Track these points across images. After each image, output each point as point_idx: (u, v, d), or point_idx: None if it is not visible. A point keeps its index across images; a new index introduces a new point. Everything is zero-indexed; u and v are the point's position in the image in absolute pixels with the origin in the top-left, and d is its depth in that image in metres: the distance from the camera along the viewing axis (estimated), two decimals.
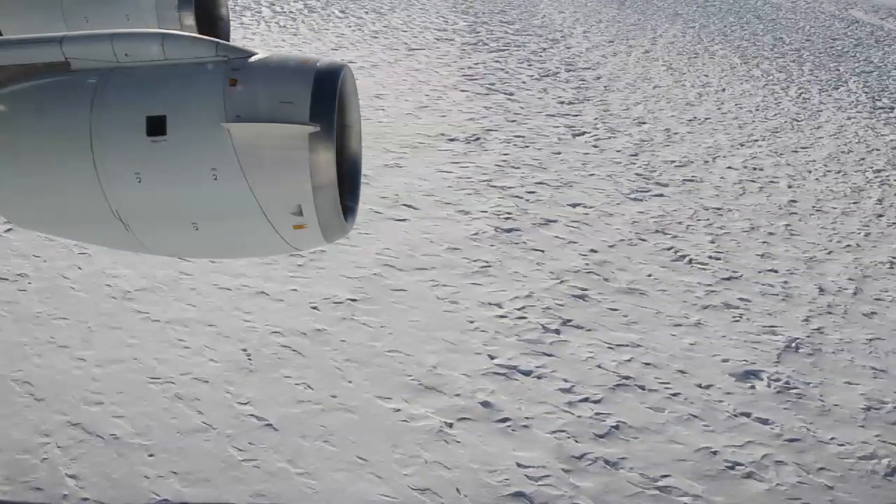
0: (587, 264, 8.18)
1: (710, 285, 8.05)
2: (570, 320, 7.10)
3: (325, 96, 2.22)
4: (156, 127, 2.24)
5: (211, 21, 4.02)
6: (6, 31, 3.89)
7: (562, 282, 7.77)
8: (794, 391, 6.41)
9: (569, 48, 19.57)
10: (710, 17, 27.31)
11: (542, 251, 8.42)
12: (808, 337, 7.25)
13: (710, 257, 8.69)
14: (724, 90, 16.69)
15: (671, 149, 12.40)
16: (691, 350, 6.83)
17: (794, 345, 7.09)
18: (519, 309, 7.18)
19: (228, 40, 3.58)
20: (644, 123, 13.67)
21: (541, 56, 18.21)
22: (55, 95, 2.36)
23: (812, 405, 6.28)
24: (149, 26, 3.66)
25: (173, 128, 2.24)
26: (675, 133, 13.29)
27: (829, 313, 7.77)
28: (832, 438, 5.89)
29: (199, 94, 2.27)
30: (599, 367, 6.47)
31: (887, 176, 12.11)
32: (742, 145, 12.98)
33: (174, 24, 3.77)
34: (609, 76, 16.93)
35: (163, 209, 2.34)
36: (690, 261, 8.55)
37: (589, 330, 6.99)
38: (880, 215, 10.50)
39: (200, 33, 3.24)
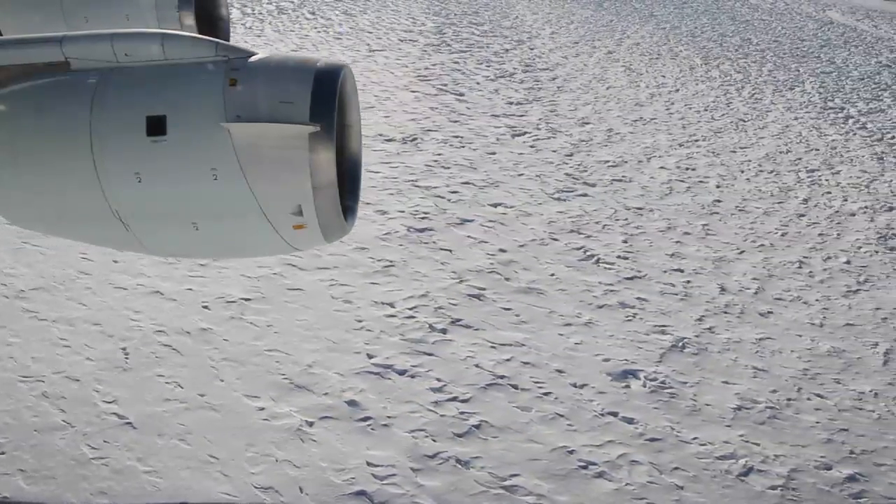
0: (492, 264, 8.12)
1: (610, 285, 7.98)
2: (459, 320, 7.04)
3: (325, 96, 2.19)
4: (156, 127, 2.21)
5: (211, 21, 3.98)
6: (6, 31, 3.86)
7: (461, 281, 7.71)
8: (668, 391, 6.34)
9: (532, 49, 19.47)
10: (684, 18, 27.16)
11: (450, 251, 8.36)
12: (696, 337, 7.18)
13: (619, 257, 8.61)
14: (677, 91, 16.58)
15: (608, 149, 12.32)
16: (575, 350, 6.77)
17: (680, 344, 7.02)
18: (410, 308, 7.13)
19: (228, 40, 3.55)
20: (588, 124, 13.59)
21: (502, 57, 18.12)
22: (55, 95, 2.33)
23: (683, 405, 6.21)
24: (149, 26, 3.62)
25: (173, 128, 2.21)
26: (617, 133, 13.20)
27: (725, 313, 7.69)
28: (694, 438, 5.83)
29: (199, 94, 2.25)
30: (477, 366, 6.41)
31: (820, 176, 12.00)
32: (681, 145, 12.89)
33: (174, 24, 3.74)
34: (565, 77, 16.83)
35: (163, 209, 2.31)
36: (598, 261, 8.48)
37: (476, 329, 6.93)
38: (802, 215, 10.40)
39: (200, 33, 3.20)
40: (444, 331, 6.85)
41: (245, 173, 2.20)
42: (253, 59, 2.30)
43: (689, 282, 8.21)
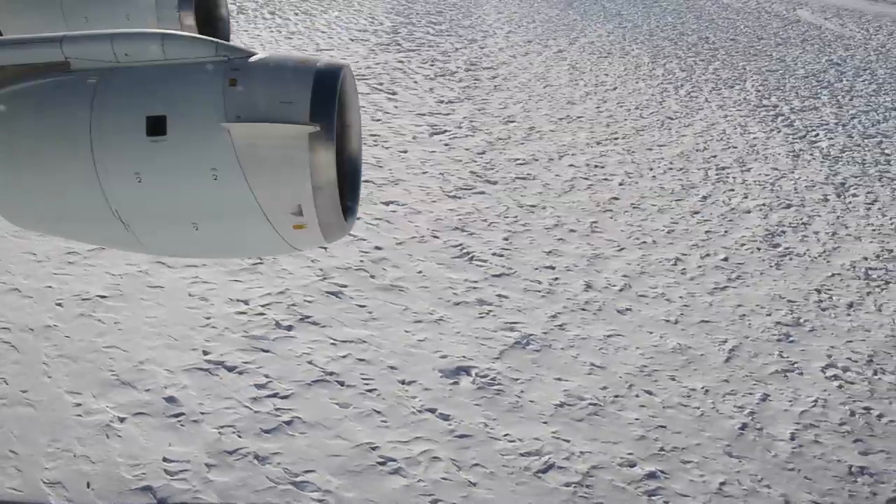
0: (362, 262, 8.05)
1: (475, 282, 7.90)
2: (308, 317, 6.99)
3: (325, 96, 2.16)
4: (156, 127, 2.18)
5: (211, 21, 3.96)
6: (6, 31, 3.84)
7: (325, 279, 7.65)
8: (496, 388, 6.27)
9: (482, 48, 19.34)
10: (650, 17, 26.93)
11: (324, 249, 8.30)
12: (544, 334, 7.10)
13: (494, 254, 8.53)
14: (615, 89, 16.44)
15: (523, 147, 12.22)
16: (416, 347, 6.71)
17: (525, 341, 6.95)
18: (263, 306, 7.07)
19: (228, 40, 3.52)
20: (512, 122, 13.47)
21: (448, 56, 18.00)
22: (55, 95, 2.30)
23: (506, 402, 6.14)
24: (149, 26, 3.60)
25: (173, 128, 2.17)
26: (538, 132, 13.09)
27: (583, 310, 7.61)
28: (506, 435, 5.76)
29: (199, 94, 2.21)
30: (310, 363, 6.36)
31: (728, 174, 11.86)
32: (598, 143, 12.77)
33: (174, 24, 3.72)
34: (505, 76, 16.71)
35: (163, 209, 2.28)
36: (471, 258, 8.40)
37: (322, 327, 6.87)
38: (696, 212, 10.28)
39: (200, 33, 3.18)
40: (289, 328, 6.80)
41: (245, 173, 2.17)
42: (253, 59, 2.26)
43: (556, 279, 8.13)
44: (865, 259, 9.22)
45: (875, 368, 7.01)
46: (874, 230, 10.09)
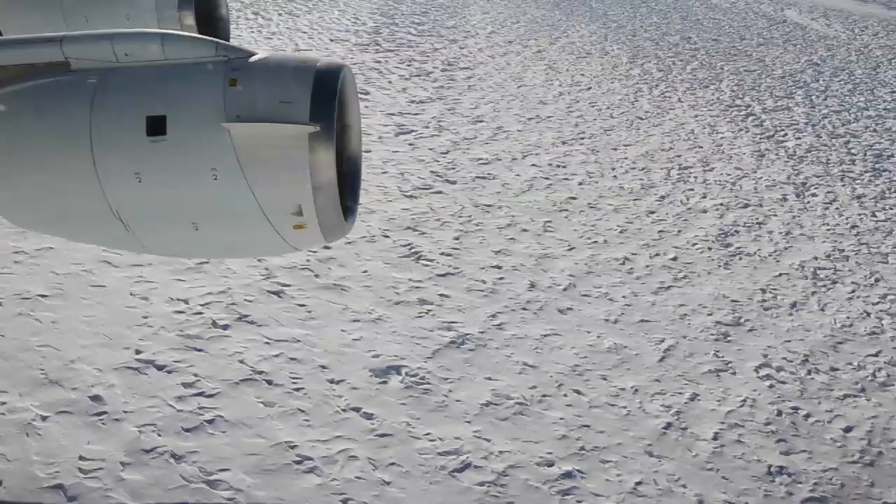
0: (308, 261, 8.03)
1: (419, 281, 7.88)
2: (246, 316, 6.97)
3: (325, 96, 2.14)
4: (156, 127, 2.16)
5: (211, 21, 3.95)
6: (6, 31, 3.83)
7: (268, 278, 7.63)
8: (424, 387, 6.25)
9: (462, 49, 19.29)
10: (635, 17, 26.83)
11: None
12: (481, 333, 7.07)
13: (443, 254, 8.50)
14: (589, 89, 16.38)
15: (488, 146, 12.18)
16: (350, 346, 6.68)
17: (460, 340, 6.92)
18: (202, 305, 7.05)
19: (228, 40, 3.51)
20: (481, 122, 13.43)
21: (427, 56, 17.95)
22: (55, 95, 2.28)
23: (433, 401, 6.11)
24: (149, 26, 3.59)
25: (173, 128, 2.16)
26: (506, 131, 13.04)
27: (524, 309, 7.58)
28: (427, 434, 5.74)
29: (199, 94, 2.19)
30: (241, 362, 6.34)
31: (690, 174, 11.81)
32: (564, 143, 12.72)
33: (174, 24, 3.71)
34: (481, 76, 16.66)
35: (163, 209, 2.26)
36: (419, 258, 8.37)
37: (259, 326, 6.85)
38: (652, 212, 10.24)
39: (200, 33, 3.16)
40: (225, 327, 6.77)
41: (245, 173, 2.15)
42: (253, 59, 2.24)
43: (501, 279, 8.10)
44: (816, 259, 9.17)
45: (809, 368, 6.97)
46: (829, 230, 10.04)
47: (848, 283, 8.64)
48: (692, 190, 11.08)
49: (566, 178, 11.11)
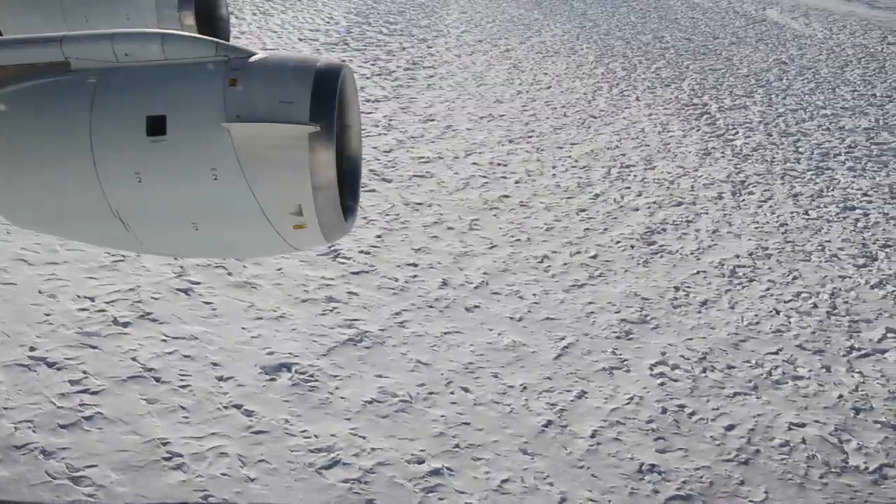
0: (224, 259, 8.00)
1: (331, 279, 7.84)
2: (150, 314, 6.94)
3: (325, 96, 2.11)
4: (156, 127, 2.15)
5: (211, 21, 3.93)
6: (6, 31, 3.82)
7: (180, 276, 7.61)
8: (312, 384, 6.21)
9: (430, 48, 19.22)
10: (613, 17, 26.67)
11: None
12: (381, 331, 7.03)
13: (361, 252, 8.46)
14: (548, 88, 16.29)
15: (434, 145, 12.12)
16: (247, 343, 6.66)
17: (358, 338, 6.88)
18: (108, 303, 7.03)
19: (228, 40, 3.50)
20: (431, 121, 13.37)
21: (393, 56, 17.88)
22: (55, 95, 2.26)
23: (317, 398, 6.08)
24: (149, 26, 3.58)
25: (173, 127, 2.14)
26: (454, 130, 12.98)
27: (431, 307, 7.53)
28: (303, 431, 5.71)
29: (199, 94, 2.18)
30: (133, 359, 6.31)
31: (630, 172, 11.73)
32: (511, 142, 12.65)
33: (174, 24, 3.69)
34: (443, 75, 16.59)
35: (163, 209, 2.25)
36: (336, 256, 8.33)
37: (161, 323, 6.83)
38: (583, 210, 10.17)
39: (200, 33, 3.15)
40: (125, 324, 6.75)
41: (245, 173, 2.13)
42: (253, 59, 2.22)
43: (415, 276, 8.05)
44: (737, 257, 9.09)
45: (705, 366, 6.91)
46: (757, 228, 9.95)
47: (764, 281, 8.56)
48: (629, 188, 11.00)
49: (504, 177, 11.04)
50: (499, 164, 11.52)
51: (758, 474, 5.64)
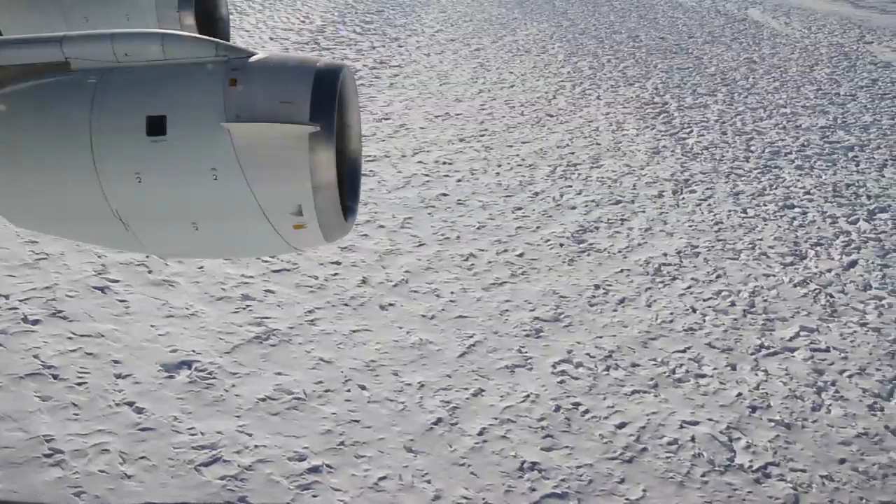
0: (147, 257, 7.97)
1: (251, 277, 7.81)
2: (61, 311, 6.92)
3: (325, 96, 2.10)
4: (156, 127, 2.13)
5: (211, 21, 3.92)
6: (6, 31, 3.81)
7: (100, 274, 7.59)
8: (209, 381, 6.19)
9: (400, 47, 19.15)
10: (593, 17, 26.55)
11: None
12: (290, 328, 7.00)
13: None
14: (511, 87, 16.22)
15: (383, 144, 12.06)
16: (153, 341, 6.63)
17: (266, 336, 6.85)
18: (21, 301, 7.02)
19: (228, 40, 3.49)
20: (387, 119, 13.32)
21: (362, 54, 17.83)
22: (55, 95, 2.24)
23: (211, 396, 6.06)
24: (149, 26, 3.57)
25: (173, 127, 2.13)
26: (407, 129, 12.92)
27: (346, 305, 7.50)
28: (190, 429, 5.68)
29: (199, 94, 2.16)
30: (35, 357, 6.30)
31: (576, 170, 11.66)
32: (462, 140, 12.59)
33: (174, 24, 3.67)
34: (408, 74, 16.53)
35: (162, 209, 2.23)
36: None
37: (70, 321, 6.81)
38: (518, 208, 10.11)
39: (200, 33, 3.14)
40: (35, 322, 6.74)
41: (245, 173, 2.11)
42: (253, 59, 2.20)
43: (336, 274, 8.02)
44: (665, 255, 9.02)
45: (609, 364, 6.85)
46: (692, 226, 9.88)
47: (687, 279, 8.49)
48: (570, 187, 10.94)
49: (447, 175, 10.99)
50: (444, 163, 11.46)
51: (639, 472, 5.59)
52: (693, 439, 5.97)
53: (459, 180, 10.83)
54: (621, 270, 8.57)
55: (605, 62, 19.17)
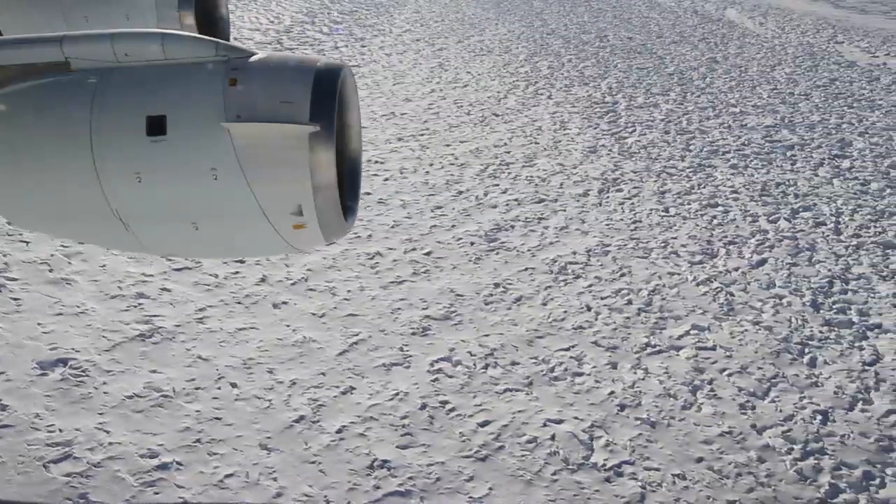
0: (52, 255, 7.96)
1: (151, 276, 7.77)
2: None
3: (325, 96, 2.11)
4: (156, 126, 2.12)
5: (211, 21, 3.90)
6: (6, 31, 3.81)
7: (1, 273, 7.56)
8: (80, 379, 6.16)
9: (364, 47, 19.08)
10: (567, 17, 26.42)
11: (27, 242, 8.21)
12: (176, 326, 6.97)
13: None
14: (465, 86, 16.14)
15: None
16: (36, 339, 6.62)
17: (150, 333, 6.82)
18: None
19: (228, 40, 3.48)
20: None
21: (323, 54, 17.70)
22: (55, 95, 2.22)
23: (78, 393, 6.03)
24: (149, 26, 3.56)
25: (173, 127, 2.12)
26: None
27: (239, 303, 7.46)
28: (49, 426, 5.65)
29: (199, 94, 2.15)
30: None
31: (507, 170, 11.57)
32: (400, 140, 12.52)
33: (174, 23, 3.67)
34: (363, 74, 16.45)
35: (163, 209, 2.21)
36: None
37: None
38: (438, 207, 10.03)
39: (200, 33, 3.13)
40: None
41: (245, 173, 2.11)
42: (253, 59, 2.20)
43: (237, 272, 7.97)
44: (574, 254, 8.94)
45: (488, 363, 6.79)
46: (608, 225, 9.79)
47: (591, 277, 8.41)
48: (497, 185, 10.86)
49: (375, 175, 10.93)
50: (376, 162, 11.40)
51: (490, 471, 5.52)
52: (553, 438, 5.89)
53: (387, 179, 10.77)
54: (526, 269, 8.50)
55: (566, 62, 19.05)
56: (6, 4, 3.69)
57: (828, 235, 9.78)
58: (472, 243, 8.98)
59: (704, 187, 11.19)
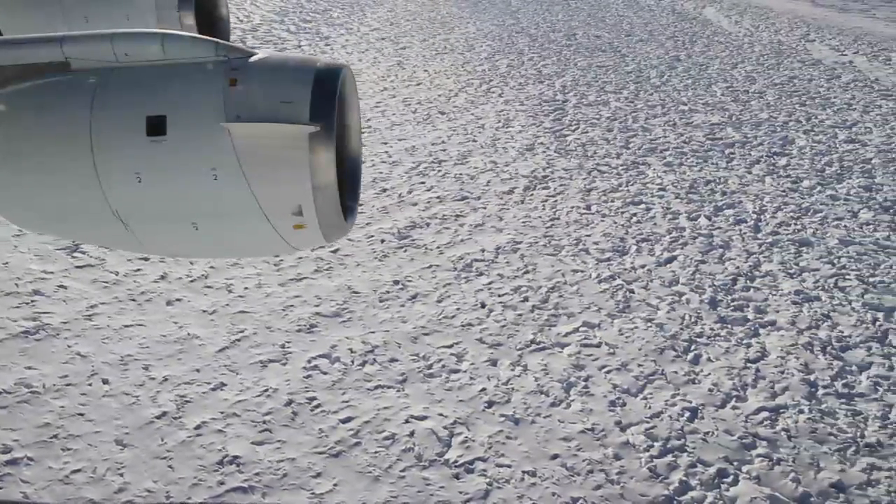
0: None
1: (52, 273, 7.76)
2: None
3: (326, 96, 2.08)
4: (156, 127, 2.11)
5: (211, 21, 3.92)
6: (6, 31, 3.83)
7: None
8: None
9: (327, 45, 19.02)
10: (542, 15, 26.26)
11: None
12: (63, 323, 6.95)
13: (104, 246, 8.36)
14: (418, 85, 16.06)
15: None
16: None
17: (35, 330, 6.80)
18: None
19: (228, 40, 3.50)
20: None
21: (283, 51, 17.68)
22: (55, 95, 2.22)
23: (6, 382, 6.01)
24: (149, 26, 3.57)
25: (173, 127, 2.11)
26: None
27: (133, 300, 7.43)
28: None
29: (199, 94, 2.14)
30: None
31: (438, 168, 11.50)
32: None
33: (174, 24, 3.67)
34: None
35: (162, 209, 2.21)
36: (75, 250, 8.24)
37: None
38: (360, 204, 9.97)
39: (200, 33, 3.15)
40: None
41: (245, 173, 2.09)
42: (253, 58, 2.17)
43: (139, 270, 7.95)
44: (483, 251, 8.88)
45: (367, 360, 6.75)
46: (525, 223, 9.72)
47: (493, 275, 8.35)
48: (423, 183, 10.80)
49: None
50: None
51: (340, 466, 5.49)
52: (412, 434, 5.86)
53: None
54: (430, 266, 8.45)
55: (527, 60, 18.94)
56: (6, 4, 3.68)
57: (745, 233, 9.69)
58: (382, 241, 8.93)
59: (632, 185, 11.10)
